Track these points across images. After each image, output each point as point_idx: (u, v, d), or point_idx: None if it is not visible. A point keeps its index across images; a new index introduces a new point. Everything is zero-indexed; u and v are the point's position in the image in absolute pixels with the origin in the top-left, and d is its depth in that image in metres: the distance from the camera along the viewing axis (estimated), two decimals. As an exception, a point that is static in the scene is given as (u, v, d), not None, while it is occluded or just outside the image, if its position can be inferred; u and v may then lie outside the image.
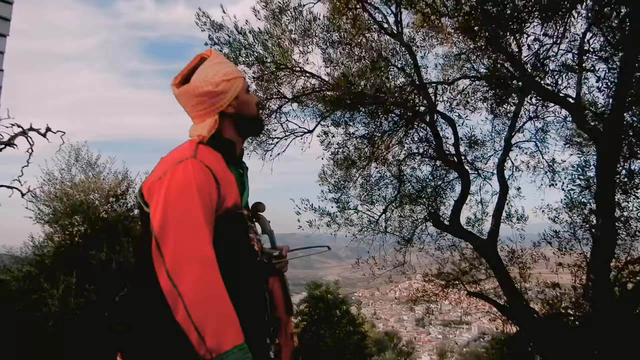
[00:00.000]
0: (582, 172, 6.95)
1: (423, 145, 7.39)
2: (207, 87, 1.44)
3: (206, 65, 1.48)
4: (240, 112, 1.54)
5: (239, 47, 6.02)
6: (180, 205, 1.27)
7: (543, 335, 7.16)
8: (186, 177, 1.29)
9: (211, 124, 1.46)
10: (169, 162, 1.38)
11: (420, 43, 6.76)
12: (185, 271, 1.21)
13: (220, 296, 1.22)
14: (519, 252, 8.06)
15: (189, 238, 1.24)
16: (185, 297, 1.19)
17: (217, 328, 1.18)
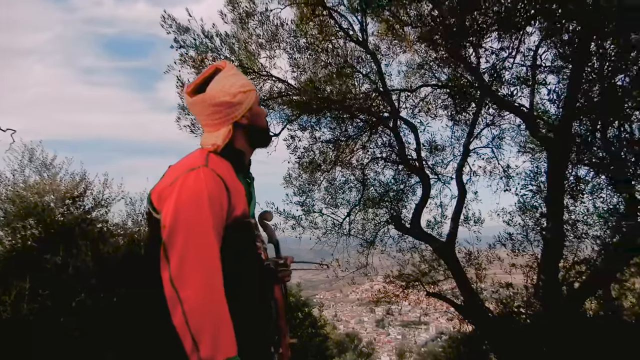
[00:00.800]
0: (534, 177, 7.35)
1: (386, 150, 7.59)
2: (224, 98, 1.46)
3: (222, 76, 1.50)
4: (253, 124, 1.58)
5: (205, 50, 5.99)
6: (191, 212, 1.28)
7: (497, 334, 7.46)
8: (198, 184, 1.31)
9: (225, 133, 1.48)
10: (180, 169, 1.39)
11: (385, 52, 6.96)
12: (188, 278, 1.22)
13: (219, 306, 1.23)
14: (476, 253, 8.39)
15: (196, 245, 1.25)
16: (185, 303, 1.20)
17: (212, 337, 1.19)
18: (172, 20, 5.97)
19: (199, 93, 1.50)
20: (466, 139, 7.48)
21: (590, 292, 7.11)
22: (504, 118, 7.44)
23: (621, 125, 6.04)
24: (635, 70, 5.04)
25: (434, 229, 8.00)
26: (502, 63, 6.25)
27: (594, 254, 7.35)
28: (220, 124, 1.49)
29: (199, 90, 1.51)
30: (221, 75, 1.50)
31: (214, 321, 1.21)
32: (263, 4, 6.30)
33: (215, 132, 1.49)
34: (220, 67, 1.55)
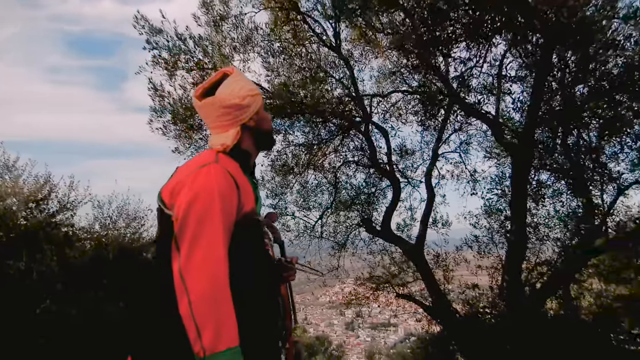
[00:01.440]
0: (499, 182, 7.63)
1: (358, 154, 7.70)
2: (234, 100, 1.52)
3: (231, 81, 1.55)
4: (259, 127, 1.63)
5: (178, 52, 5.94)
6: (202, 206, 1.32)
7: (464, 334, 7.67)
8: (209, 180, 1.36)
9: (234, 134, 1.54)
10: (191, 166, 1.44)
11: (358, 57, 7.08)
12: (196, 269, 1.26)
13: (224, 298, 1.27)
14: (443, 255, 8.61)
15: (205, 238, 1.30)
16: (191, 293, 1.24)
17: (215, 328, 1.23)
18: (145, 21, 5.89)
19: (207, 96, 1.55)
20: (435, 144, 7.68)
21: (550, 292, 7.41)
22: (471, 124, 7.70)
23: (580, 133, 6.36)
24: (593, 82, 5.34)
25: (403, 231, 8.15)
26: (470, 71, 6.50)
27: (554, 255, 7.68)
28: (228, 125, 1.55)
29: (207, 94, 1.56)
30: (230, 80, 1.55)
31: (218, 311, 1.25)
32: (237, 7, 6.31)
33: (223, 133, 1.55)
34: (228, 72, 1.60)
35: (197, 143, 6.70)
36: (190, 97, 6.45)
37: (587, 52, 4.81)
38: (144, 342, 1.41)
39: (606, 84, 5.15)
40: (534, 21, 3.73)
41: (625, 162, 6.26)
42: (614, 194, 6.41)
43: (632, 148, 5.97)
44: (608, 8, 3.89)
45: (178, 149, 6.66)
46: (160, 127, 6.38)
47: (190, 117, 6.37)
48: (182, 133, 6.51)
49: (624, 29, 4.73)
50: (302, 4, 6.54)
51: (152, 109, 6.26)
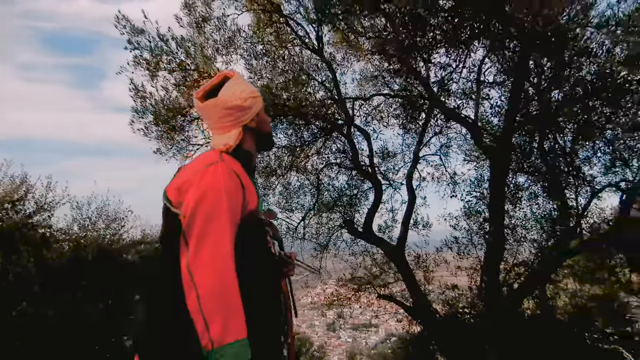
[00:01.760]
0: (478, 184, 7.77)
1: (340, 156, 7.76)
2: (236, 102, 1.58)
3: (233, 83, 1.61)
4: (260, 128, 1.70)
5: (160, 53, 5.91)
6: (209, 202, 1.36)
7: (443, 334, 7.78)
8: (216, 179, 1.40)
9: (236, 135, 1.58)
10: (196, 166, 1.47)
11: (340, 61, 7.15)
12: (204, 264, 1.30)
13: (231, 292, 1.30)
14: (424, 256, 8.73)
15: (213, 234, 1.33)
16: (199, 288, 1.27)
17: (223, 321, 1.26)
18: (126, 21, 5.85)
19: (208, 98, 1.60)
20: (416, 147, 7.78)
21: (527, 293, 7.58)
22: (451, 128, 7.83)
23: (555, 138, 6.54)
24: (568, 88, 5.51)
25: (385, 233, 8.23)
26: (450, 76, 6.63)
27: (531, 256, 7.86)
28: (231, 126, 1.60)
29: (208, 96, 1.62)
30: (232, 82, 1.61)
31: (225, 305, 1.28)
32: (220, 9, 6.31)
33: (226, 133, 1.60)
34: (228, 75, 1.66)
35: (179, 144, 6.68)
36: (172, 98, 6.42)
37: (562, 59, 4.96)
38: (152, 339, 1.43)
39: (580, 89, 5.32)
40: (511, 29, 3.85)
41: (599, 165, 6.48)
42: (588, 196, 6.60)
43: (605, 152, 6.17)
44: (581, 17, 4.04)
45: (160, 150, 6.62)
46: (142, 128, 6.34)
47: (172, 119, 6.34)
48: (164, 134, 6.47)
49: (596, 36, 4.90)
50: (284, 7, 6.58)
51: (133, 110, 6.22)
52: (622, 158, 5.90)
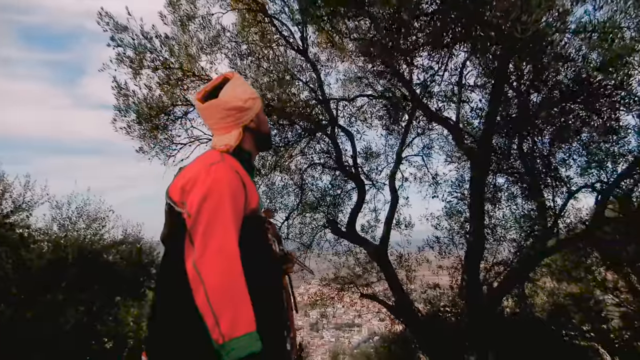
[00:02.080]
0: (459, 185, 7.91)
1: (324, 156, 7.80)
2: (236, 103, 1.61)
3: (233, 84, 1.64)
4: (260, 128, 1.73)
5: (144, 51, 5.87)
6: (213, 201, 1.39)
7: (425, 332, 7.89)
8: (219, 178, 1.43)
9: (237, 135, 1.62)
10: (198, 165, 1.50)
11: (325, 62, 7.19)
12: (210, 261, 1.32)
13: (239, 286, 1.33)
14: (406, 256, 8.83)
15: (218, 232, 1.36)
16: (207, 284, 1.30)
17: (233, 315, 1.29)
18: (110, 17, 5.79)
19: (208, 99, 1.64)
20: (399, 147, 7.86)
21: (507, 291, 7.74)
22: (433, 129, 7.94)
23: (534, 140, 6.71)
24: (546, 91, 5.66)
25: (368, 232, 8.30)
26: (432, 77, 6.74)
27: (510, 255, 8.03)
28: (231, 127, 1.63)
29: (208, 97, 1.65)
30: (232, 84, 1.65)
31: (234, 299, 1.31)
32: (204, 7, 6.29)
33: (226, 134, 1.63)
34: (228, 77, 1.69)
35: (162, 143, 6.63)
36: (155, 97, 6.38)
37: (541, 64, 5.09)
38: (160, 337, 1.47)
39: (557, 93, 5.48)
40: (490, 34, 3.95)
41: (575, 167, 6.67)
42: (565, 197, 6.78)
43: (581, 154, 6.36)
44: (559, 23, 4.16)
45: (142, 148, 6.55)
46: (124, 126, 6.27)
47: (155, 117, 6.30)
48: (147, 133, 6.42)
49: (573, 42, 5.05)
50: (269, 7, 6.59)
51: (116, 108, 6.15)
52: (598, 160, 6.07)
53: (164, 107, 6.30)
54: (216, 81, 1.70)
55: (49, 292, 7.17)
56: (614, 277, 10.43)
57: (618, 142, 5.90)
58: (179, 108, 6.55)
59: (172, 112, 6.52)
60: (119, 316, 9.19)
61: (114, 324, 9.00)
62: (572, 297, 11.25)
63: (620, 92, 5.09)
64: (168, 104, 6.30)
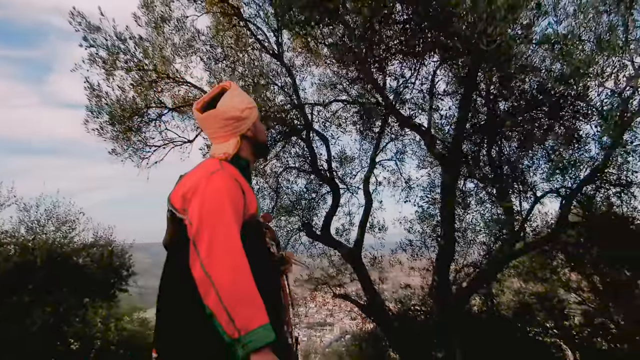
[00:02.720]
0: (431, 189, 8.10)
1: (299, 160, 7.85)
2: (234, 113, 1.68)
3: (231, 95, 1.70)
4: (257, 137, 1.80)
5: (117, 52, 5.80)
6: (215, 208, 1.46)
7: (395, 330, 8.05)
8: (219, 185, 1.50)
9: (235, 144, 1.69)
10: (198, 174, 1.57)
11: (300, 66, 7.25)
12: (218, 262, 1.38)
13: (248, 282, 1.40)
14: (380, 258, 8.97)
15: (222, 235, 1.42)
16: (218, 284, 1.36)
17: (246, 310, 1.36)
18: (82, 17, 5.70)
19: (207, 109, 1.70)
20: (373, 152, 7.98)
21: (474, 291, 7.99)
22: (406, 134, 8.09)
23: (502, 146, 6.95)
24: (512, 100, 5.89)
25: (342, 235, 8.36)
26: (405, 84, 6.89)
27: (479, 257, 8.28)
28: (229, 135, 1.71)
29: (207, 107, 1.72)
30: (229, 94, 1.71)
31: (245, 296, 1.38)
32: (179, 9, 6.25)
33: (225, 142, 1.70)
34: (226, 87, 1.75)
35: (135, 145, 6.55)
36: (128, 98, 6.30)
37: (508, 74, 5.28)
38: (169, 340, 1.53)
39: (523, 102, 5.70)
40: (457, 45, 4.10)
41: (540, 173, 6.94)
42: (531, 202, 7.04)
43: (547, 161, 6.63)
44: (524, 34, 4.34)
45: (115, 150, 6.47)
46: (97, 127, 6.18)
47: (129, 119, 6.23)
48: (120, 134, 6.34)
49: (538, 53, 5.27)
50: (244, 10, 6.60)
51: (88, 109, 6.05)
52: (561, 167, 6.34)
53: (137, 109, 6.24)
54: (214, 91, 1.76)
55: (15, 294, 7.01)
56: (578, 277, 10.87)
57: (579, 150, 6.17)
58: (153, 110, 6.50)
59: (146, 114, 6.46)
60: (87, 317, 9.05)
61: (82, 325, 8.85)
62: (537, 296, 11.68)
63: (579, 102, 5.35)
64: (142, 105, 6.24)
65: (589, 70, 4.16)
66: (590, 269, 9.98)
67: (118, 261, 8.87)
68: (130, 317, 11.84)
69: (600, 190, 6.77)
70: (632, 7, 5.36)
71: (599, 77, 4.42)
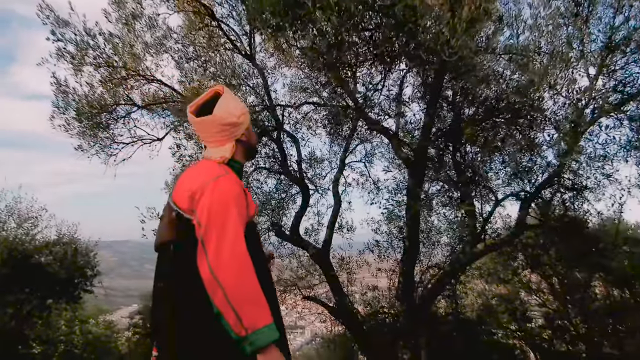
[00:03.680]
0: (399, 191, 8.29)
1: (269, 161, 7.91)
2: (231, 119, 1.76)
3: (226, 100, 1.79)
4: (249, 141, 1.90)
5: (86, 47, 5.75)
6: (223, 211, 1.54)
7: (363, 332, 8.18)
8: (226, 189, 1.60)
9: (231, 148, 1.78)
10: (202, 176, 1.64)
11: (271, 70, 7.33)
12: (225, 264, 1.46)
13: (253, 284, 1.49)
14: (347, 259, 9.10)
15: (229, 237, 1.51)
16: (225, 286, 1.44)
17: (252, 309, 1.45)
18: (50, 11, 5.63)
19: (201, 112, 1.78)
20: (342, 154, 8.13)
21: (439, 293, 8.21)
22: (375, 136, 8.28)
23: (465, 151, 7.21)
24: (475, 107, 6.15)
25: (311, 236, 8.43)
26: (374, 88, 7.07)
27: (443, 259, 8.52)
28: (225, 140, 1.80)
29: (201, 110, 1.79)
30: (225, 100, 1.80)
31: (251, 296, 1.47)
32: (151, 7, 6.25)
33: (220, 147, 1.79)
34: (219, 91, 1.83)
35: (103, 142, 6.49)
36: (97, 94, 6.24)
37: (473, 82, 5.52)
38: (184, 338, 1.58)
39: (482, 111, 5.97)
40: (422, 55, 4.28)
41: (501, 177, 7.24)
42: (493, 205, 7.32)
43: (506, 166, 6.93)
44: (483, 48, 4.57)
45: (81, 146, 6.39)
46: (63, 123, 6.10)
47: (97, 115, 6.17)
48: (87, 131, 6.27)
49: (500, 63, 5.54)
50: (217, 10, 6.64)
51: (54, 105, 5.97)
52: (520, 172, 6.64)
53: (105, 106, 6.19)
54: (208, 95, 1.85)
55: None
56: (538, 279, 11.30)
57: (535, 156, 6.49)
58: (122, 107, 6.46)
59: (115, 111, 6.41)
60: (50, 319, 8.83)
61: (44, 328, 8.64)
62: (500, 298, 12.06)
63: (534, 112, 5.64)
64: (111, 102, 6.20)
65: (543, 81, 4.40)
66: (549, 270, 10.41)
67: (82, 260, 8.70)
68: (95, 320, 11.61)
69: (556, 194, 7.12)
70: (588, 21, 5.71)
71: (553, 88, 4.68)
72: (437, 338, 9.60)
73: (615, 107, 5.84)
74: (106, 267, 10.38)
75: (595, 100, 5.42)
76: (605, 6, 5.68)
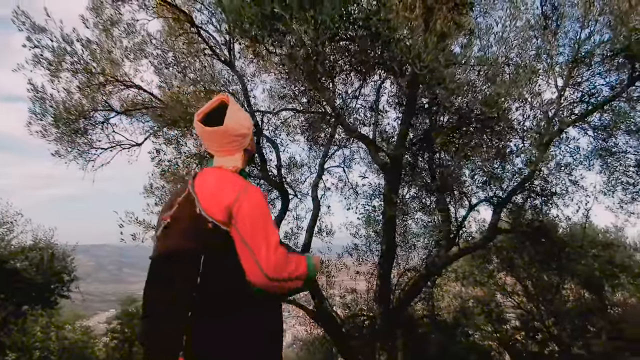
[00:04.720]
0: (377, 195, 8.46)
1: (249, 166, 7.97)
2: (242, 130, 1.86)
3: (234, 111, 1.87)
4: (252, 149, 2.00)
5: (63, 54, 5.75)
6: (264, 218, 1.69)
7: (342, 335, 8.30)
8: (259, 197, 1.75)
9: (241, 158, 1.89)
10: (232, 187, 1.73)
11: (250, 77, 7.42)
12: (275, 266, 1.65)
13: (290, 261, 1.72)
14: (327, 262, 9.21)
15: (273, 234, 1.69)
16: (284, 282, 1.68)
17: (301, 274, 1.75)
18: (26, 17, 5.61)
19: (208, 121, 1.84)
20: (321, 159, 8.23)
21: (415, 295, 8.40)
22: (354, 142, 8.43)
23: (440, 157, 7.43)
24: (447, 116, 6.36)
25: (291, 239, 8.51)
26: (353, 95, 7.25)
27: (420, 262, 8.72)
28: (235, 150, 1.88)
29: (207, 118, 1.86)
30: (233, 110, 1.87)
31: (297, 266, 1.75)
32: (130, 13, 6.27)
33: (230, 156, 1.88)
34: (225, 101, 1.90)
35: (80, 147, 6.48)
36: (74, 100, 6.23)
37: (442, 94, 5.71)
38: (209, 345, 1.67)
39: (454, 120, 6.18)
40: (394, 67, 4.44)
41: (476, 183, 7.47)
42: (467, 209, 7.55)
43: (479, 172, 7.17)
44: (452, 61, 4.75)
45: (59, 152, 6.37)
46: (40, 130, 6.08)
47: (75, 121, 6.17)
48: (64, 136, 6.26)
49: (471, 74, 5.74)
50: (196, 16, 6.69)
51: (31, 111, 5.95)
52: (492, 178, 6.88)
53: (83, 112, 6.18)
54: (214, 104, 1.90)
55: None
56: (513, 281, 11.62)
57: (504, 163, 6.75)
58: (100, 113, 6.46)
59: (93, 117, 6.41)
60: (25, 326, 8.71)
61: (20, 335, 8.52)
62: (476, 300, 12.35)
63: (500, 122, 5.87)
64: (88, 108, 6.20)
65: (510, 93, 4.60)
66: (523, 273, 10.73)
67: (59, 265, 8.62)
68: (72, 326, 11.47)
69: (527, 200, 7.38)
70: (556, 34, 5.98)
71: (519, 100, 4.89)
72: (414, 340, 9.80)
73: (581, 118, 6.13)
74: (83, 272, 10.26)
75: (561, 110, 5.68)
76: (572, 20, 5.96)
